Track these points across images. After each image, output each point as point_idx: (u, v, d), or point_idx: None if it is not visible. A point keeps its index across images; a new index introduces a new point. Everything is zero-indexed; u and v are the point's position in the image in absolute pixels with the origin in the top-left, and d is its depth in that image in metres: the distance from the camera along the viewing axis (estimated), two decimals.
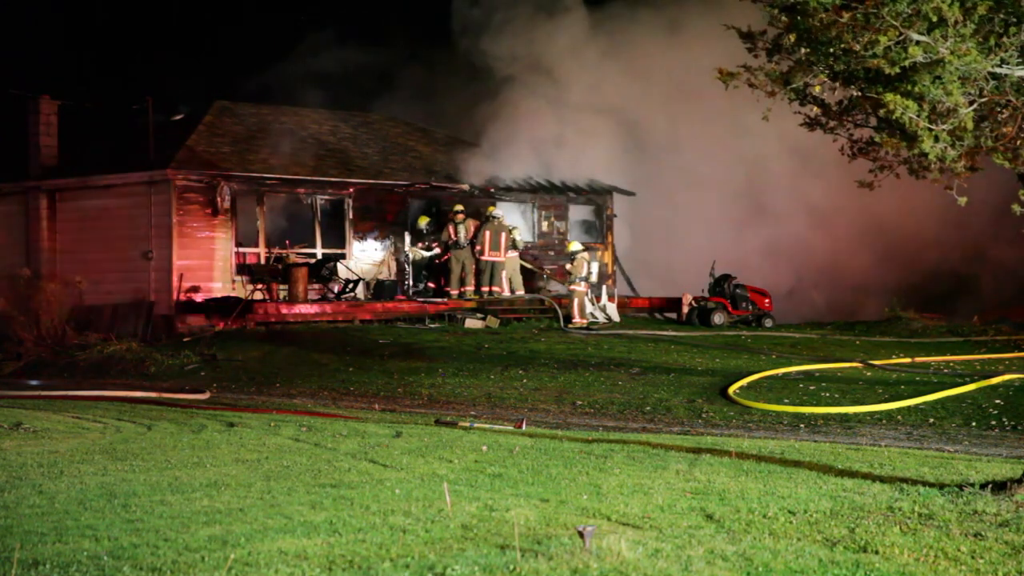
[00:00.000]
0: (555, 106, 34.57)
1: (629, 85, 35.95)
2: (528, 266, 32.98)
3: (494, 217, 31.62)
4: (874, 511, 9.22)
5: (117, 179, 30.09)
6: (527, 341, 26.70)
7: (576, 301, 30.08)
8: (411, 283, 31.82)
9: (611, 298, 32.32)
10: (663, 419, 18.08)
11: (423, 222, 31.85)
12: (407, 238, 31.98)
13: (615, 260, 36.50)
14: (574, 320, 29.78)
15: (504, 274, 31.52)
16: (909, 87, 9.30)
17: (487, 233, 31.25)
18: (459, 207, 31.71)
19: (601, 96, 35.33)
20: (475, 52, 34.67)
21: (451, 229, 31.36)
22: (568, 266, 30.52)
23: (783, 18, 9.78)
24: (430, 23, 39.00)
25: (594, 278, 30.56)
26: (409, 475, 11.03)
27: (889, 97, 9.26)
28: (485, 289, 31.37)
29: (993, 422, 16.99)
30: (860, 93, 9.98)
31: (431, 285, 32.10)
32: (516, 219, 33.77)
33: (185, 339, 27.26)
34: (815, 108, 10.53)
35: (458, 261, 31.33)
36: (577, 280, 30.11)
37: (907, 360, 24.03)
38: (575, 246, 30.99)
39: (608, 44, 36.09)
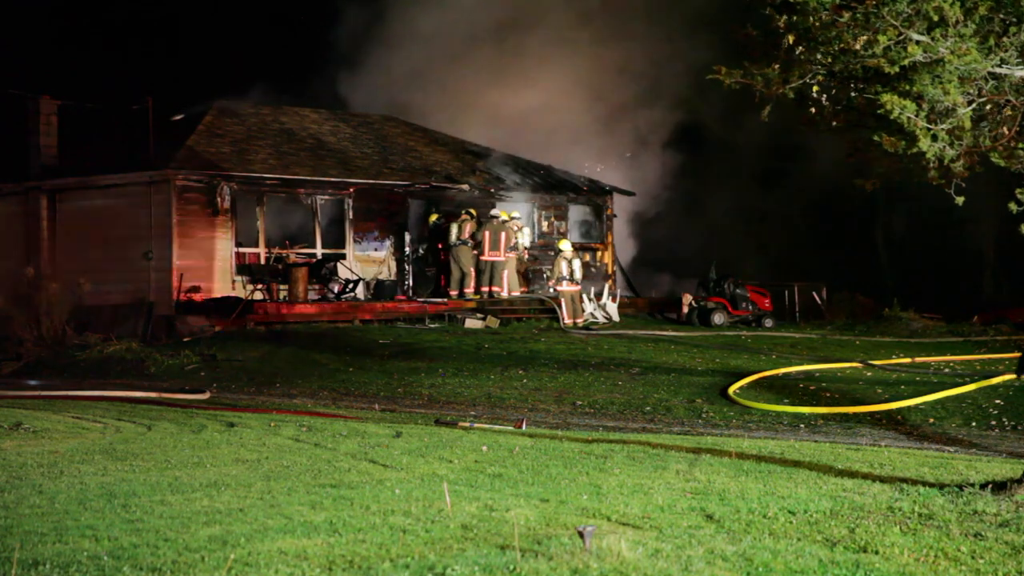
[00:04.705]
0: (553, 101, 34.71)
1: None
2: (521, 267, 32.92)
3: (494, 217, 31.59)
4: (874, 511, 9.22)
5: (117, 179, 30.08)
6: (527, 341, 26.69)
7: (564, 301, 30.00)
8: (411, 283, 31.83)
9: (612, 298, 32.29)
10: (663, 419, 18.09)
11: (433, 219, 31.90)
12: (407, 238, 31.98)
13: (615, 260, 36.50)
14: (564, 321, 29.71)
15: (505, 274, 31.48)
16: (907, 87, 9.31)
17: (487, 233, 31.20)
18: (471, 209, 31.70)
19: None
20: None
21: (454, 228, 31.37)
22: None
23: (781, 18, 9.79)
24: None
25: (578, 275, 30.34)
26: (409, 475, 11.02)
27: (886, 97, 9.26)
28: (485, 289, 31.34)
29: (993, 422, 16.99)
30: (858, 93, 9.99)
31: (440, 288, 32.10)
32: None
33: (185, 339, 27.25)
34: (813, 109, 10.54)
35: (456, 261, 31.31)
36: (559, 280, 30.02)
37: (907, 360, 24.03)
38: (562, 244, 31.01)
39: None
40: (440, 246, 31.99)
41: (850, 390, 19.75)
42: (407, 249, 31.93)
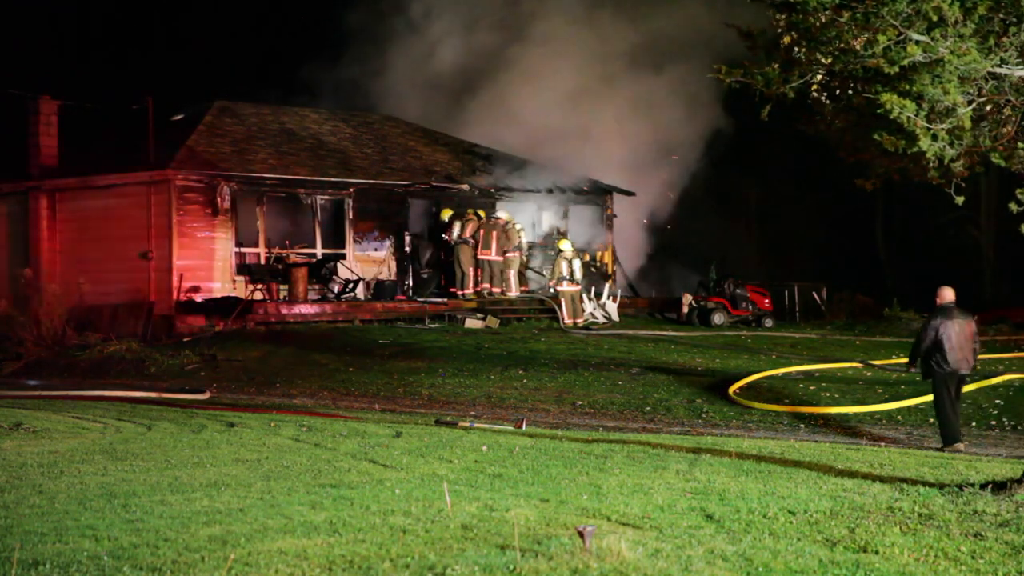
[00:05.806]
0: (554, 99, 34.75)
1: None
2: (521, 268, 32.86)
3: (494, 216, 31.62)
4: (874, 511, 9.22)
5: (117, 179, 30.07)
6: (527, 341, 26.68)
7: (564, 301, 29.96)
8: (411, 283, 31.83)
9: (613, 298, 32.27)
10: (663, 419, 18.09)
11: (446, 215, 31.94)
12: (407, 238, 31.97)
13: (615, 260, 36.47)
14: (564, 321, 29.67)
15: (505, 274, 31.44)
16: (907, 86, 9.31)
17: (482, 232, 31.24)
18: (479, 211, 31.71)
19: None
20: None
21: (456, 227, 31.37)
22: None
23: (781, 18, 9.79)
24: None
25: (578, 276, 30.27)
26: (409, 475, 11.03)
27: (885, 97, 9.26)
28: (484, 288, 31.32)
29: (993, 422, 16.99)
30: (858, 93, 9.99)
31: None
32: (518, 219, 33.64)
33: (185, 339, 27.25)
34: (813, 108, 10.54)
35: (457, 260, 31.32)
36: (559, 280, 29.97)
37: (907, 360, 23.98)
38: (562, 244, 30.96)
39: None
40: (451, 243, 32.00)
41: (850, 390, 19.74)
42: (407, 249, 31.92)
